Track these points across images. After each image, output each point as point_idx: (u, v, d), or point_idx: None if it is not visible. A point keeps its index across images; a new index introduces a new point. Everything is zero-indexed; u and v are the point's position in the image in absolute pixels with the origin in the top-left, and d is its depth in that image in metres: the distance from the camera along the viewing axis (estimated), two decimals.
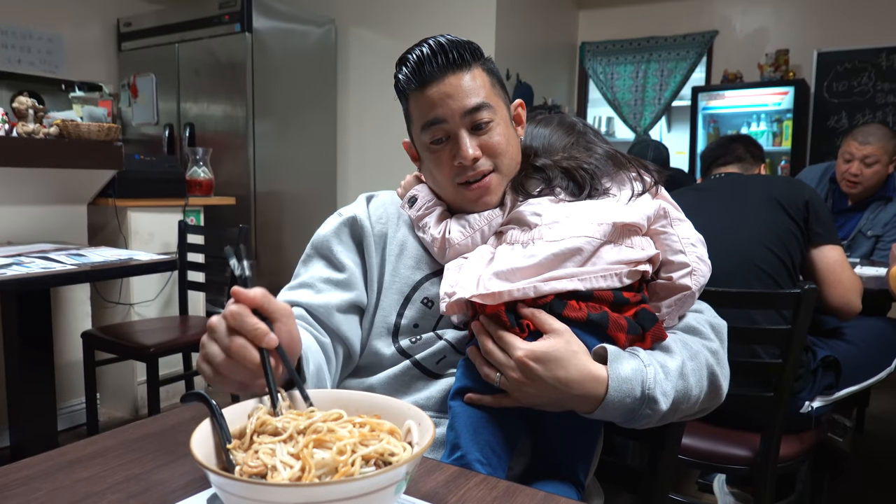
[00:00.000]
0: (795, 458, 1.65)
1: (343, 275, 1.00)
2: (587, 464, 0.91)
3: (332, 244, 1.02)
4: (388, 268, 1.02)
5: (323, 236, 1.04)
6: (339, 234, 1.03)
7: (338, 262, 1.01)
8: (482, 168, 0.96)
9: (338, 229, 1.04)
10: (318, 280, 1.00)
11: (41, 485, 0.65)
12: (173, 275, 2.98)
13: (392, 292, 1.01)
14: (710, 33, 5.08)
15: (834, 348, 1.82)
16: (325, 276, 1.00)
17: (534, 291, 0.83)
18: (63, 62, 4.53)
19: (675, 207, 0.96)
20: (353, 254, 1.03)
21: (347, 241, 1.03)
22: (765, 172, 2.09)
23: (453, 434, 0.85)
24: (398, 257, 1.02)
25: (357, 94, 4.74)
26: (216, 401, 0.63)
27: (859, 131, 2.65)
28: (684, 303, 0.92)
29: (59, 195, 2.68)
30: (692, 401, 0.87)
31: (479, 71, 0.97)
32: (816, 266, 1.76)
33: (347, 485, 0.53)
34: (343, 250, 1.02)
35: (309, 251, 1.05)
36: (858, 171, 2.61)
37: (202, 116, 4.27)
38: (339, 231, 1.03)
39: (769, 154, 4.64)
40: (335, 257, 1.01)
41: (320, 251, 1.03)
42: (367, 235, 1.03)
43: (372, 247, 1.02)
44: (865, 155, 2.58)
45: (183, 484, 0.65)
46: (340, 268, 1.01)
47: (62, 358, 2.71)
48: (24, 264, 2.00)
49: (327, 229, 1.04)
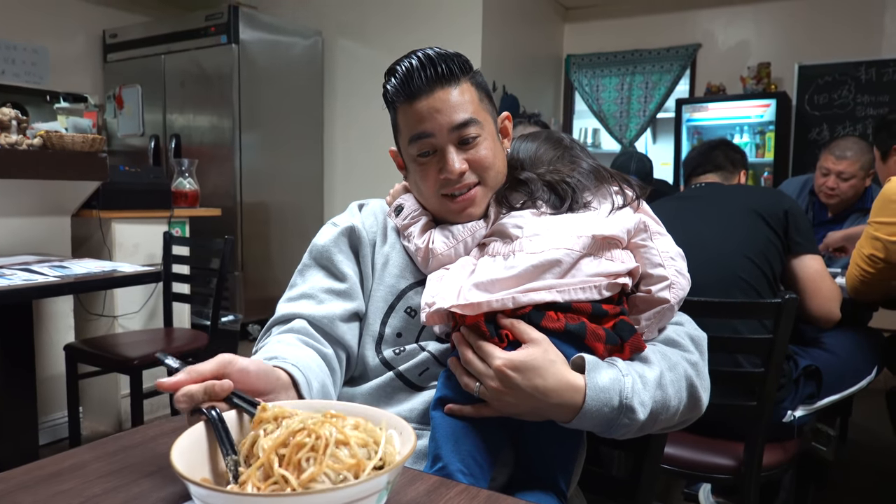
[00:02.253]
0: (779, 467, 1.67)
1: (344, 284, 1.01)
2: (568, 473, 0.91)
3: (333, 254, 1.02)
4: (375, 276, 1.03)
5: (323, 246, 1.04)
6: (338, 244, 1.04)
7: (338, 272, 1.02)
8: (467, 181, 0.97)
9: (337, 239, 1.04)
10: (320, 290, 1.00)
11: (20, 498, 0.65)
12: (158, 286, 2.96)
13: (377, 300, 1.01)
14: (694, 46, 5.16)
15: (815, 357, 1.84)
16: (326, 286, 1.00)
17: (512, 302, 0.83)
18: (48, 73, 4.51)
19: (655, 221, 0.98)
20: (352, 263, 1.03)
21: (346, 251, 1.04)
22: (745, 179, 2.11)
23: (434, 445, 0.86)
24: (384, 266, 1.03)
25: (344, 105, 4.76)
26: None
27: (836, 145, 2.70)
28: (663, 316, 0.93)
29: (42, 206, 2.66)
30: (671, 412, 0.88)
31: (468, 85, 0.98)
32: (797, 276, 1.78)
33: (329, 494, 0.53)
34: (343, 259, 1.02)
35: (307, 261, 1.05)
36: (835, 185, 2.67)
37: (188, 128, 4.27)
38: (338, 240, 1.04)
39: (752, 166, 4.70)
40: (336, 267, 1.02)
41: (320, 261, 1.03)
42: (364, 245, 1.04)
43: (368, 255, 1.03)
44: (840, 171, 2.64)
45: (163, 496, 0.65)
46: (341, 277, 1.01)
47: (44, 371, 2.68)
48: (6, 276, 1.98)
49: (326, 239, 1.04)
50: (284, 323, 0.98)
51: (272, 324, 1.00)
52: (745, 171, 2.10)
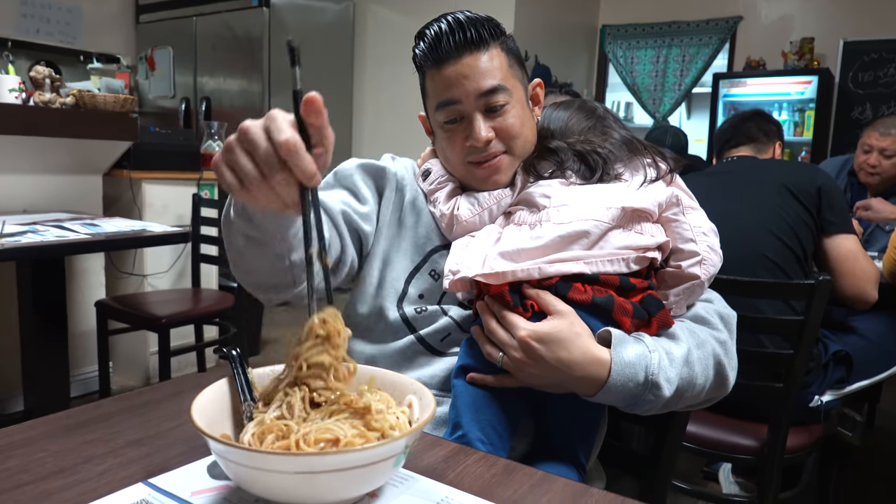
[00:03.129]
0: (802, 450, 1.64)
1: (364, 208, 1.00)
2: (588, 447, 0.91)
3: (356, 178, 1.02)
4: (402, 227, 1.02)
5: (347, 170, 1.03)
6: (363, 172, 1.03)
7: (361, 196, 1.01)
8: (494, 150, 0.96)
9: (363, 167, 1.04)
10: (340, 202, 0.99)
11: (45, 446, 0.66)
12: (186, 247, 2.99)
13: (403, 257, 1.01)
14: (734, 19, 4.99)
15: (846, 342, 1.79)
16: (346, 200, 1.00)
17: (538, 273, 0.82)
18: (81, 33, 4.54)
19: (688, 195, 0.95)
20: (374, 194, 1.03)
21: (370, 183, 1.03)
22: (780, 151, 2.03)
23: (455, 413, 0.86)
24: (415, 225, 1.02)
25: (373, 71, 4.72)
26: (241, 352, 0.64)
27: (881, 122, 2.64)
28: (693, 292, 0.91)
29: (74, 165, 2.70)
30: (697, 389, 0.86)
31: (498, 51, 0.95)
32: (829, 256, 1.73)
33: (346, 455, 0.53)
34: (365, 187, 1.02)
35: (330, 180, 1.04)
36: (877, 163, 2.60)
37: (219, 91, 4.27)
38: (363, 169, 1.03)
39: (790, 144, 4.58)
40: (359, 190, 1.01)
41: (343, 181, 1.03)
42: (391, 188, 1.03)
43: (392, 198, 1.02)
44: (884, 147, 2.58)
45: (185, 450, 0.66)
46: (363, 201, 1.01)
47: (77, 326, 2.75)
48: (39, 232, 2.02)
49: (351, 165, 1.04)
50: None
51: None
52: (780, 143, 2.02)
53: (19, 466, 0.62)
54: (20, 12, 4.27)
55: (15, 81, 2.42)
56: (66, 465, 0.62)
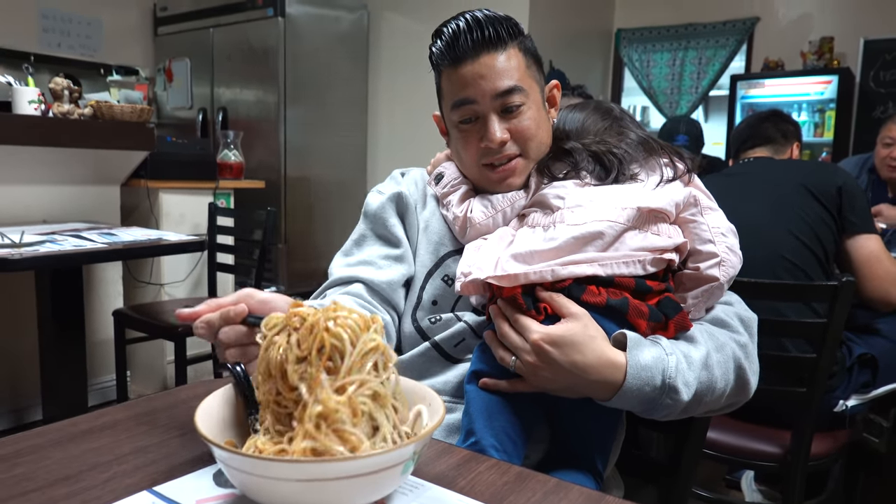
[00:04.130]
0: (828, 457, 1.60)
1: (399, 250, 1.01)
2: (605, 454, 0.88)
3: (386, 219, 1.03)
4: (417, 242, 1.02)
5: (374, 213, 1.04)
6: (388, 210, 1.03)
7: (393, 238, 1.02)
8: (509, 152, 0.95)
9: (386, 205, 1.04)
10: (378, 257, 1.00)
11: (51, 453, 0.65)
12: (203, 256, 3.01)
13: (418, 264, 1.01)
14: (752, 20, 4.94)
15: (871, 345, 1.75)
16: (383, 253, 1.01)
17: (551, 275, 0.80)
18: (101, 46, 4.60)
19: (707, 196, 0.93)
20: (402, 228, 1.03)
21: (395, 217, 1.03)
22: (798, 152, 1.99)
23: (468, 419, 0.84)
24: (423, 232, 1.02)
25: (388, 80, 4.73)
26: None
27: None
28: (712, 294, 0.89)
29: (92, 175, 2.72)
30: (717, 394, 0.83)
31: (515, 51, 0.94)
32: (851, 257, 1.68)
33: (352, 462, 0.51)
34: (396, 224, 1.02)
35: (363, 229, 1.05)
36: None
37: (235, 101, 4.30)
38: (387, 207, 1.04)
39: (810, 145, 4.50)
40: (391, 232, 1.02)
41: (375, 229, 1.03)
42: (409, 211, 1.04)
43: (413, 222, 1.03)
44: None
45: (190, 458, 0.65)
46: (396, 243, 1.01)
47: (94, 335, 2.77)
48: (58, 242, 2.04)
49: (377, 205, 1.04)
50: (342, 285, 0.98)
51: (328, 285, 1.00)
52: (798, 144, 1.99)
53: (25, 474, 0.61)
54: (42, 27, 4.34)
55: (34, 93, 2.46)
56: (72, 473, 0.61)
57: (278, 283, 3.91)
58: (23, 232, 2.03)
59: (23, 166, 2.49)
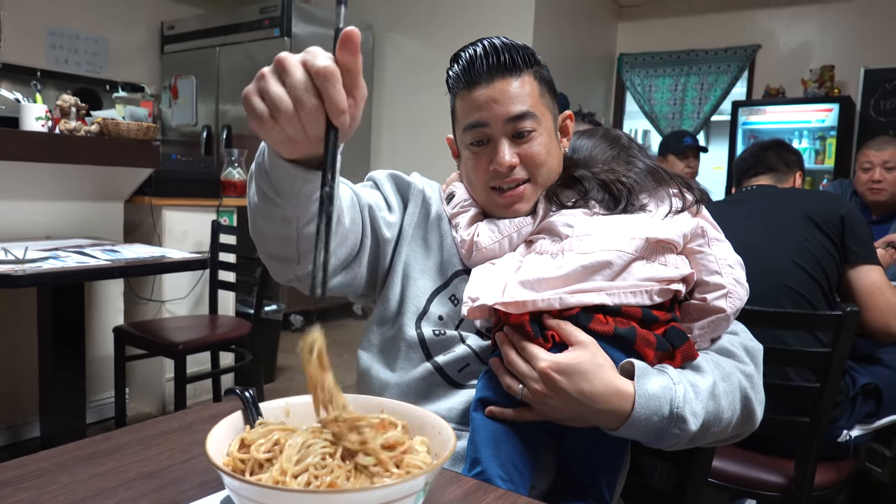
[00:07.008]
0: (831, 487, 1.59)
1: (391, 217, 1.00)
2: (612, 483, 0.88)
3: (387, 186, 1.03)
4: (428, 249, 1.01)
5: (379, 178, 1.04)
6: (392, 182, 1.04)
7: (389, 202, 1.02)
8: (517, 176, 0.95)
9: (393, 177, 1.04)
10: (370, 198, 0.99)
11: (56, 478, 0.65)
12: (204, 274, 3.01)
13: (426, 276, 1.00)
14: (753, 47, 4.99)
15: (875, 374, 1.74)
16: (376, 201, 1.00)
17: (559, 303, 0.80)
18: (107, 63, 4.65)
19: (714, 227, 0.93)
20: (400, 205, 1.03)
21: (397, 193, 1.03)
22: (801, 181, 2.00)
23: (473, 448, 0.83)
24: (439, 245, 1.01)
25: (392, 99, 4.76)
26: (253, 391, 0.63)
27: (873, 141, 2.70)
28: (718, 326, 0.89)
29: (97, 192, 2.73)
30: (723, 424, 0.83)
31: (530, 78, 0.96)
32: (853, 287, 1.68)
33: (364, 493, 0.51)
34: (393, 196, 1.02)
35: (364, 182, 1.05)
36: (881, 178, 2.63)
37: (240, 119, 4.34)
38: (393, 179, 1.04)
39: (811, 172, 4.53)
40: (388, 197, 1.02)
41: (375, 186, 1.04)
42: (414, 202, 1.03)
43: (415, 213, 1.02)
44: (885, 160, 2.61)
45: (197, 484, 0.64)
46: (390, 208, 1.01)
47: (94, 352, 2.76)
48: (60, 258, 2.03)
49: (383, 174, 1.04)
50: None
51: None
52: (800, 173, 2.00)
53: (31, 498, 0.61)
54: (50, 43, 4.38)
55: (42, 110, 2.47)
56: (77, 499, 0.61)
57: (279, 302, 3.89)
58: (26, 248, 2.03)
59: (28, 182, 2.50)
